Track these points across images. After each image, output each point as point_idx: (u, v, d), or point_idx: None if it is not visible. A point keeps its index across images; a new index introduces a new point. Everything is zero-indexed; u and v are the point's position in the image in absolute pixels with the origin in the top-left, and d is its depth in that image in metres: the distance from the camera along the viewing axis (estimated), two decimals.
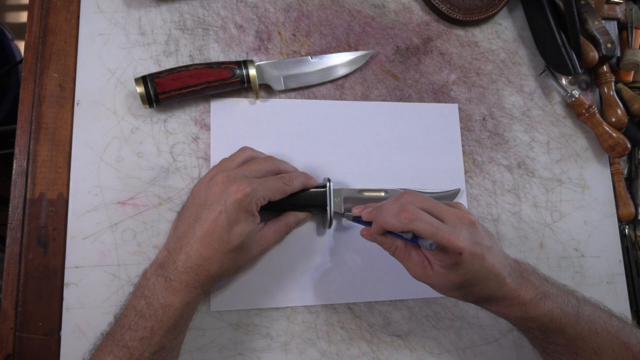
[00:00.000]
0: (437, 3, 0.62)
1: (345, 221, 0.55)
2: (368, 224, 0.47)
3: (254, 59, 0.57)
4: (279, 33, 0.59)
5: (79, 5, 0.54)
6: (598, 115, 0.62)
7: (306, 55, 0.58)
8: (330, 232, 0.54)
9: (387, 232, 0.45)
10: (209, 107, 0.55)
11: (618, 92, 0.66)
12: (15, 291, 0.47)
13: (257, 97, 0.55)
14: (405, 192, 0.46)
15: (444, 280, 0.43)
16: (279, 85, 0.56)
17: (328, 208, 0.50)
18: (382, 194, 0.54)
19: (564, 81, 0.65)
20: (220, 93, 0.55)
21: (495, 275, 0.43)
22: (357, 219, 0.50)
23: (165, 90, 0.50)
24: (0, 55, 1.12)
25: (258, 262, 0.52)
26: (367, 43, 0.61)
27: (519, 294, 0.43)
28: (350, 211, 0.51)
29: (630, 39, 0.67)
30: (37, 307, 0.47)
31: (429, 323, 0.55)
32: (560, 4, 0.62)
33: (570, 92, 0.63)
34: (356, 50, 0.60)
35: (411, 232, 0.41)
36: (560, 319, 0.44)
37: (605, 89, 0.65)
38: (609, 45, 0.63)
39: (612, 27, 0.68)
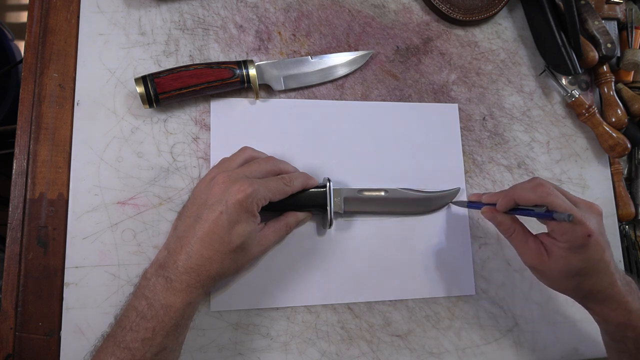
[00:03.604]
0: (437, 3, 0.62)
1: (454, 207, 0.57)
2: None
3: (254, 59, 0.57)
4: (279, 33, 0.59)
5: (79, 5, 0.54)
6: (598, 115, 0.62)
7: (306, 55, 0.58)
8: (330, 232, 0.54)
9: (513, 211, 0.47)
10: (209, 107, 0.55)
11: (618, 92, 0.66)
12: (15, 291, 0.47)
13: (257, 97, 0.55)
14: (536, 177, 0.48)
15: (563, 265, 0.44)
16: (279, 85, 0.56)
17: (328, 208, 0.50)
18: (382, 193, 0.54)
19: (564, 81, 0.65)
20: (220, 93, 0.55)
21: (610, 274, 0.44)
22: (472, 204, 0.52)
23: (165, 90, 0.50)
24: (0, 55, 1.12)
25: (258, 262, 0.52)
26: (367, 43, 0.61)
27: (626, 299, 0.44)
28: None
29: (630, 39, 0.67)
30: (37, 307, 0.47)
31: (429, 323, 0.55)
32: (560, 4, 0.62)
33: (570, 92, 0.63)
34: (356, 50, 0.60)
35: (545, 207, 0.43)
36: None
37: (605, 89, 0.65)
38: (609, 45, 0.63)
39: (612, 27, 0.68)
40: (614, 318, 0.45)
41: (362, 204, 0.54)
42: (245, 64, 0.53)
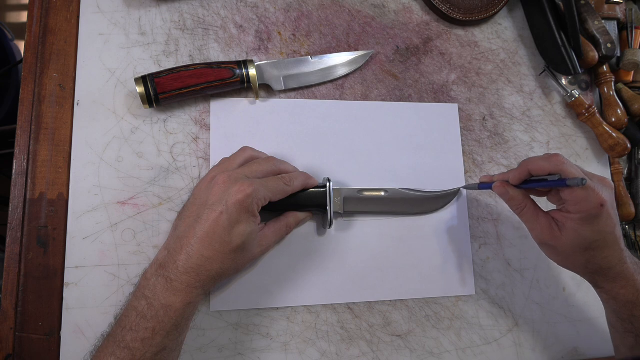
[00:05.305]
0: (437, 3, 0.62)
1: (465, 192, 0.58)
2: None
3: (254, 59, 0.57)
4: (279, 33, 0.59)
5: (79, 5, 0.54)
6: (598, 115, 0.62)
7: (306, 55, 0.58)
8: (330, 232, 0.54)
9: (525, 185, 0.47)
10: (209, 107, 0.55)
11: (618, 92, 0.66)
12: (15, 291, 0.47)
13: (257, 97, 0.55)
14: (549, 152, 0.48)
15: (575, 238, 0.44)
16: (279, 85, 0.56)
17: (328, 208, 0.50)
18: (382, 193, 0.54)
19: (564, 81, 0.65)
20: (220, 93, 0.55)
21: (620, 250, 0.44)
22: (483, 185, 0.52)
23: (165, 90, 0.50)
24: (0, 55, 1.12)
25: (258, 262, 0.52)
26: (367, 43, 0.61)
27: (635, 278, 0.45)
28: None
29: (630, 39, 0.67)
30: (37, 307, 0.47)
31: (429, 323, 0.55)
32: (560, 4, 0.62)
33: (570, 92, 0.63)
34: (356, 50, 0.60)
35: (559, 175, 0.43)
36: None
37: (605, 89, 0.65)
38: (609, 45, 0.63)
39: (612, 27, 0.68)
40: (623, 296, 0.45)
41: (362, 204, 0.54)
42: (245, 64, 0.53)
